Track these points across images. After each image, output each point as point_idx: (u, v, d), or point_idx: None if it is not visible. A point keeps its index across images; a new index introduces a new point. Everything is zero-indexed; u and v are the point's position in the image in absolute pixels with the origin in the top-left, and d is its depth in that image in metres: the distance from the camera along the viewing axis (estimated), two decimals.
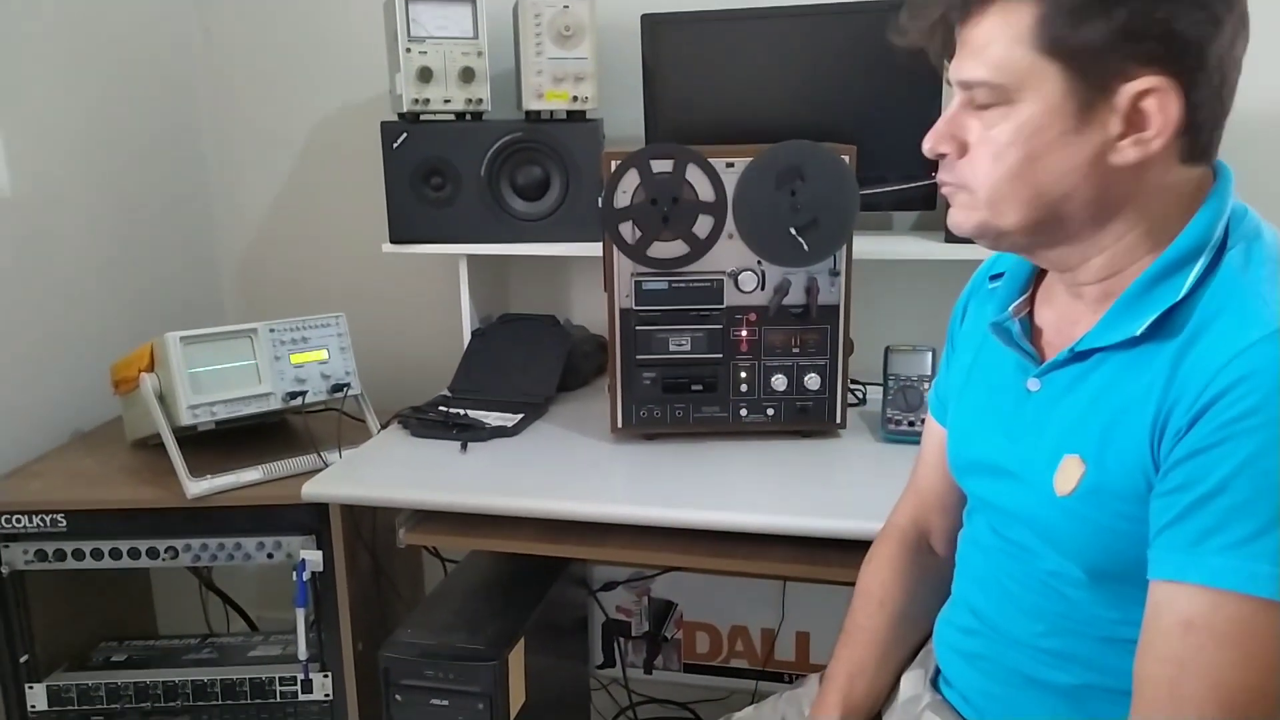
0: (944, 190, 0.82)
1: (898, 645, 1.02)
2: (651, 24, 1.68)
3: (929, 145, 0.81)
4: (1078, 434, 0.78)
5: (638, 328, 1.44)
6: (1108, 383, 0.77)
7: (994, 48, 0.74)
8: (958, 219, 0.82)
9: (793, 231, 1.37)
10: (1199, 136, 0.74)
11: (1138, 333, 0.74)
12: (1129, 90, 0.71)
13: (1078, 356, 0.80)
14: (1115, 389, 0.76)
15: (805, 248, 1.38)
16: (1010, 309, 0.88)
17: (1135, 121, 0.72)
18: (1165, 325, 0.74)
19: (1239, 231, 0.76)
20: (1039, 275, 0.90)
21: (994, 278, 0.95)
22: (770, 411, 1.47)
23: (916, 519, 1.07)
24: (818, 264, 1.42)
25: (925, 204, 1.65)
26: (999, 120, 0.76)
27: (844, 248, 1.42)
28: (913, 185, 1.62)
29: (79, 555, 1.47)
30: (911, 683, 1.00)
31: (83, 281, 1.79)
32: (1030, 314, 0.89)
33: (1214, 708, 0.66)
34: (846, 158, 1.38)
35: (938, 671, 0.98)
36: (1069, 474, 0.78)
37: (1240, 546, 0.66)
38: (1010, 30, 0.73)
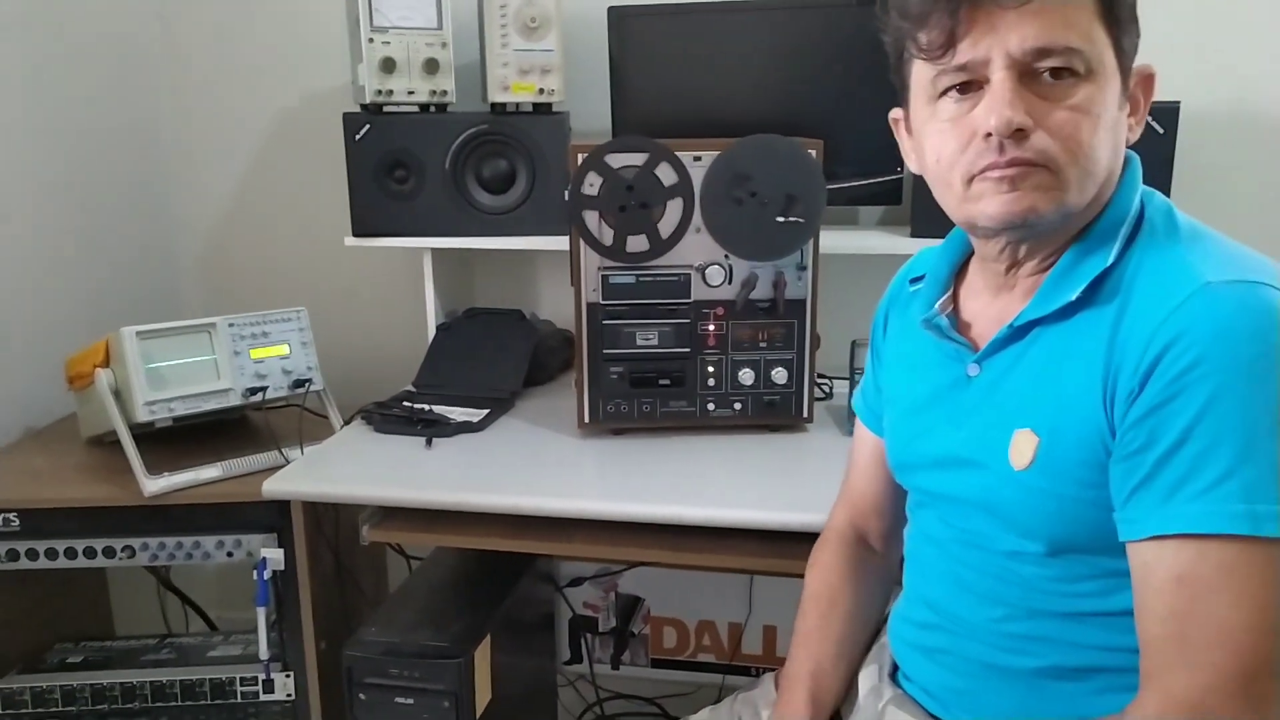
0: (1011, 172, 0.75)
1: (852, 644, 1.03)
2: (619, 16, 1.67)
3: (1010, 119, 0.73)
4: (1026, 408, 0.80)
5: (605, 322, 1.43)
6: (1048, 355, 0.79)
7: (1075, 17, 0.73)
8: (1036, 203, 0.75)
9: (751, 225, 1.37)
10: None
11: (1074, 297, 0.77)
12: (1137, 73, 0.79)
13: (1016, 333, 0.82)
14: (1057, 360, 0.78)
15: (771, 241, 1.38)
16: (936, 306, 0.91)
17: (1135, 102, 0.80)
18: (1098, 292, 0.77)
19: (1152, 205, 0.80)
20: (959, 274, 0.93)
21: (914, 281, 0.98)
22: (737, 406, 1.47)
23: (853, 522, 1.08)
24: (785, 258, 1.42)
25: (891, 198, 1.66)
26: (1079, 92, 0.74)
27: (811, 242, 1.42)
28: (880, 179, 1.63)
29: (32, 555, 1.43)
30: (868, 678, 1.00)
31: (35, 275, 1.74)
32: (955, 310, 0.91)
33: (1222, 653, 0.67)
34: (814, 152, 1.38)
35: (895, 667, 0.99)
36: (1023, 448, 0.79)
37: (1211, 490, 0.67)
38: (1081, 6, 0.74)
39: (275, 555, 1.44)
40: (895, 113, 0.90)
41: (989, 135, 0.74)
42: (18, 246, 1.70)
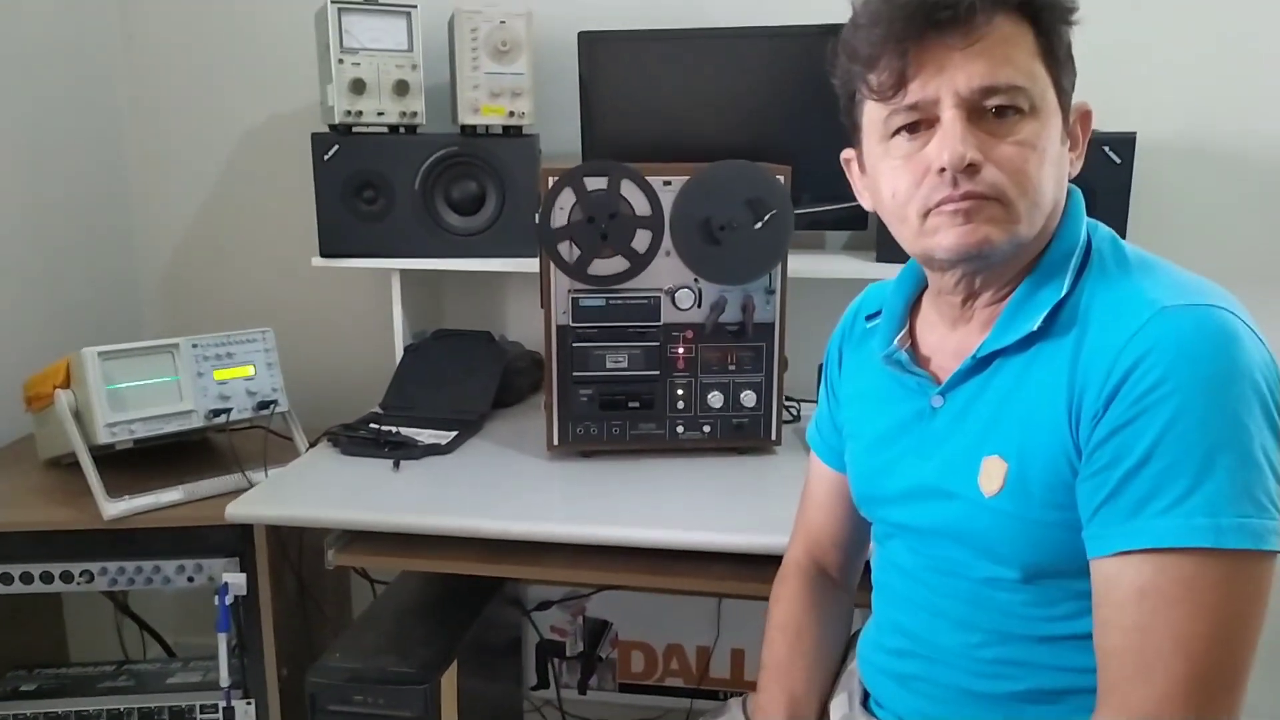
0: (966, 205, 0.77)
1: (821, 672, 1.03)
2: (588, 41, 1.68)
3: (963, 154, 0.75)
4: (993, 435, 0.81)
5: (575, 344, 1.43)
6: (1011, 384, 0.81)
7: (1018, 58, 0.76)
8: (991, 235, 0.78)
9: (723, 249, 1.38)
10: None
11: (1035, 327, 0.79)
12: (1076, 110, 0.82)
13: (979, 364, 0.84)
14: (1021, 388, 0.80)
15: (740, 266, 1.40)
16: (895, 341, 0.92)
17: (1075, 138, 0.83)
18: (1054, 322, 0.79)
19: (1098, 236, 0.83)
20: (913, 309, 0.95)
21: (869, 317, 0.99)
22: (706, 428, 1.47)
23: (812, 554, 1.09)
24: (753, 282, 1.43)
25: (857, 223, 1.68)
26: (1024, 128, 0.77)
27: (779, 267, 1.43)
28: (846, 205, 1.65)
29: None
30: (839, 707, 1.00)
31: None
32: (913, 344, 0.93)
33: (1179, 662, 0.68)
34: (782, 177, 1.39)
35: (866, 694, 0.99)
36: (992, 474, 0.80)
37: (1175, 506, 0.69)
38: (1023, 45, 0.77)
39: (237, 580, 1.42)
40: (847, 153, 0.92)
41: (942, 170, 0.76)
42: None
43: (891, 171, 0.81)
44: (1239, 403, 0.70)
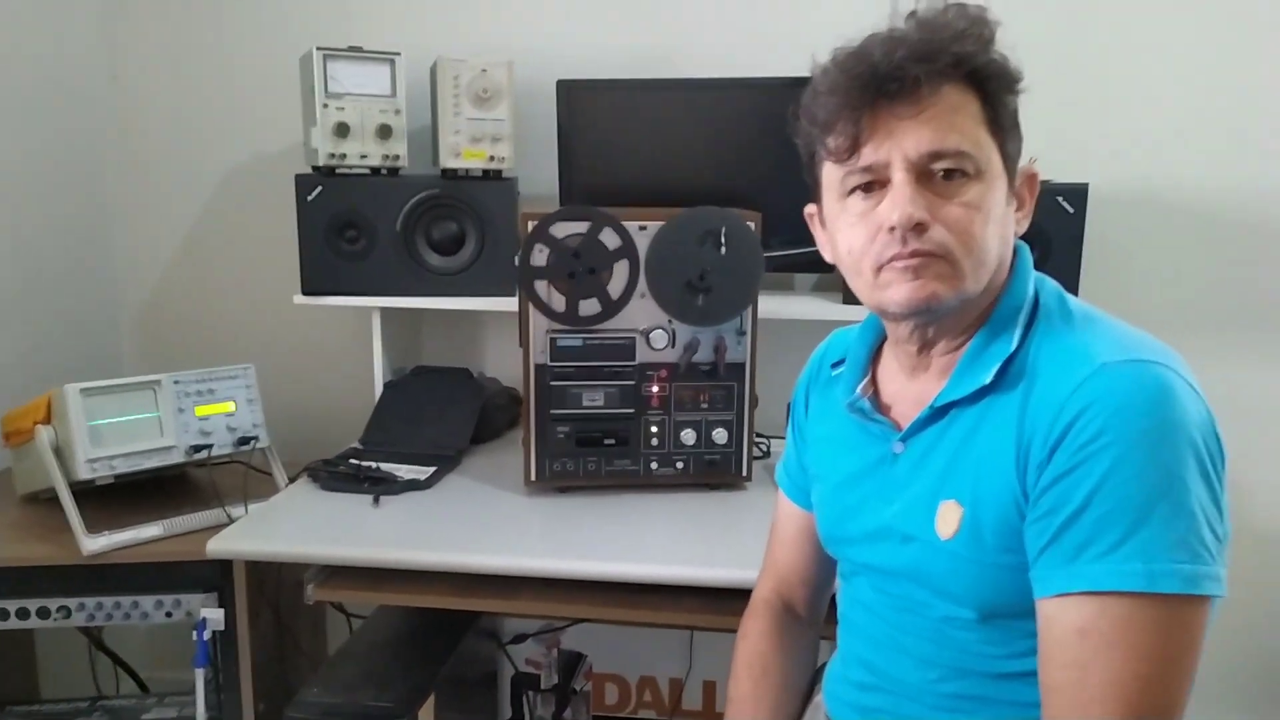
0: (914, 262, 0.82)
1: (786, 707, 1.07)
2: (567, 89, 1.74)
3: (911, 215, 0.80)
4: (950, 481, 0.86)
5: (552, 383, 1.47)
6: (966, 432, 0.86)
7: (964, 125, 0.82)
8: (938, 291, 0.82)
9: (696, 292, 1.43)
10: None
11: (988, 380, 0.84)
12: (1023, 173, 0.87)
13: (936, 413, 0.88)
14: (975, 436, 0.85)
15: (712, 308, 1.45)
16: (858, 390, 0.97)
17: (1021, 199, 0.88)
18: (1004, 375, 0.84)
19: (1045, 291, 0.88)
20: (875, 357, 1.00)
21: (835, 365, 1.04)
22: (680, 465, 1.52)
23: (779, 591, 1.12)
24: (726, 324, 1.48)
25: (824, 266, 1.73)
26: (970, 190, 0.82)
27: (750, 309, 1.49)
28: (813, 249, 1.71)
29: None
30: None
31: None
32: (875, 392, 0.97)
33: (1114, 703, 0.72)
34: (753, 224, 1.45)
35: None
36: (948, 519, 0.85)
37: (1112, 552, 0.73)
38: (968, 113, 0.82)
39: (215, 615, 1.43)
40: (810, 208, 0.97)
41: (893, 229, 0.82)
42: None
43: (848, 228, 0.87)
44: (1174, 456, 0.73)
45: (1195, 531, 0.73)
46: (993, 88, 0.83)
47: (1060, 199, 1.54)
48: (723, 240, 1.43)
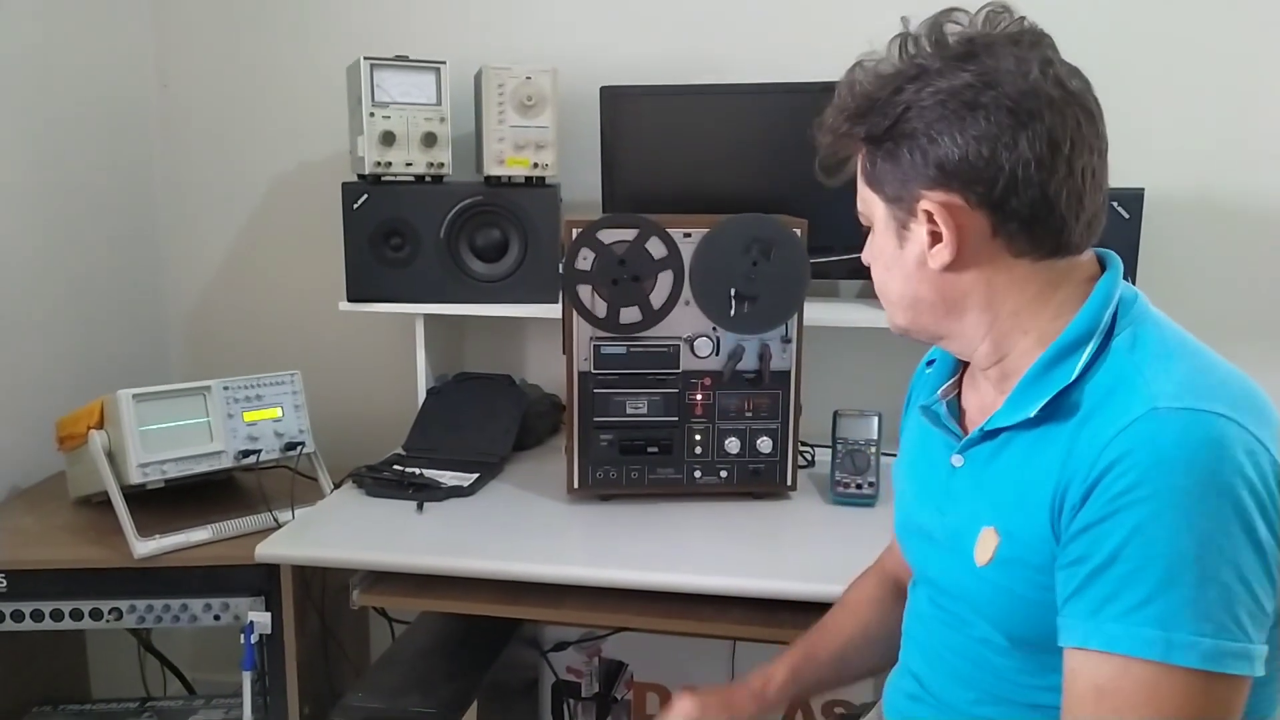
0: None
1: (854, 653, 1.10)
2: (610, 96, 1.74)
3: (863, 259, 0.93)
4: (993, 507, 0.84)
5: (595, 390, 1.47)
6: (1017, 459, 0.83)
7: (862, 185, 0.89)
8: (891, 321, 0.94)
9: (740, 300, 1.42)
10: (1027, 233, 0.81)
11: (1032, 414, 0.81)
12: (921, 209, 0.83)
13: (987, 435, 0.86)
14: (1023, 465, 0.82)
15: (757, 315, 1.44)
16: (939, 392, 0.95)
17: (935, 232, 0.83)
18: (1061, 406, 0.79)
19: (1127, 317, 0.81)
20: (965, 361, 0.97)
21: (929, 364, 1.02)
22: (723, 474, 1.50)
23: (889, 567, 1.13)
24: (770, 331, 1.47)
25: (869, 273, 1.71)
26: (872, 242, 0.91)
27: (795, 316, 1.47)
28: (858, 255, 1.69)
29: (18, 617, 1.43)
30: None
31: (25, 334, 1.76)
32: (959, 396, 0.96)
33: None
34: (799, 231, 1.44)
35: None
36: (986, 545, 0.83)
37: (1131, 613, 0.69)
38: (862, 172, 0.89)
39: (263, 619, 1.45)
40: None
41: None
42: (8, 308, 1.72)
43: None
44: (1212, 520, 0.69)
45: (1227, 603, 0.68)
46: (866, 150, 0.87)
47: (1115, 204, 1.51)
48: (769, 247, 1.42)
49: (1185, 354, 0.79)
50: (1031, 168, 0.78)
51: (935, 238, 0.82)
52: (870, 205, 0.89)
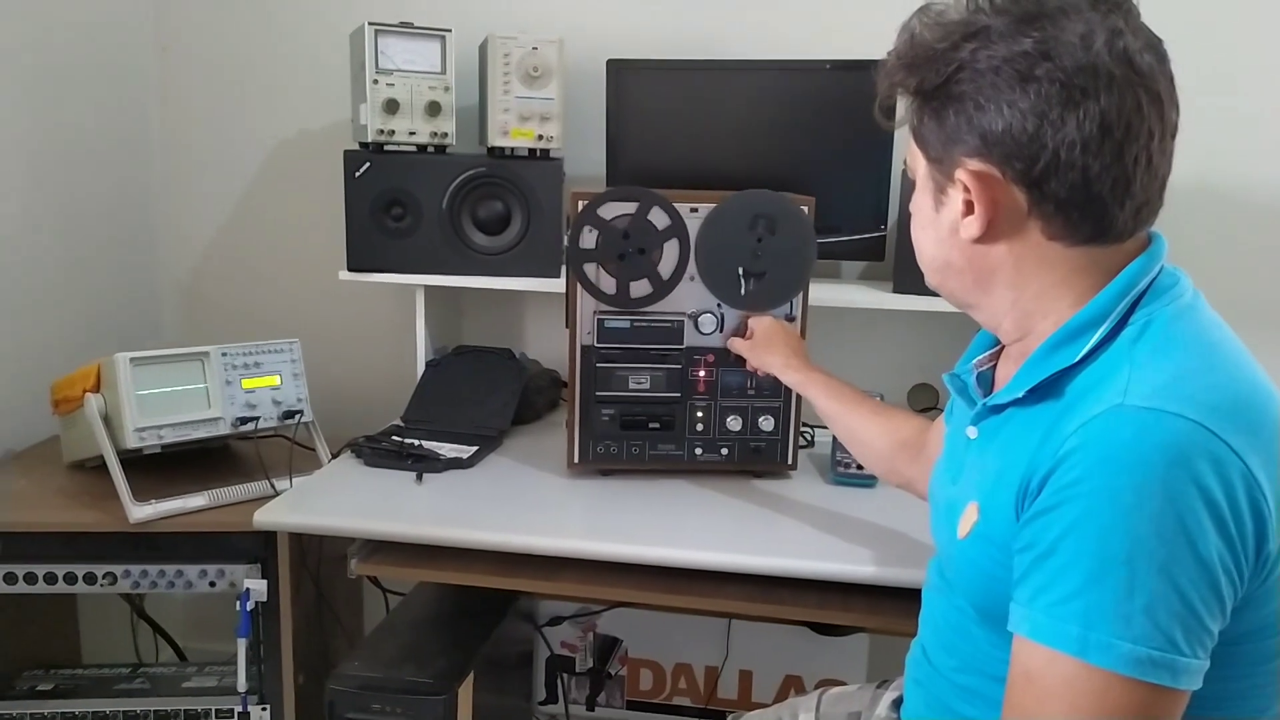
0: None
1: (851, 426, 1.27)
2: (617, 69, 1.72)
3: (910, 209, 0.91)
4: (981, 483, 0.84)
5: (598, 365, 1.46)
6: (1010, 436, 0.82)
7: (911, 140, 0.87)
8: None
9: (746, 276, 1.41)
10: (1064, 217, 0.77)
11: (1020, 395, 0.81)
12: (959, 175, 0.80)
13: (993, 410, 0.86)
14: (1010, 444, 0.81)
15: (762, 293, 1.43)
16: (974, 362, 0.95)
17: (969, 202, 0.81)
18: (1056, 388, 0.78)
19: (1149, 307, 0.78)
20: None
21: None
22: (724, 451, 1.50)
23: (916, 435, 1.20)
24: (775, 309, 1.46)
25: (874, 254, 1.71)
26: (914, 197, 0.89)
27: (800, 294, 1.46)
28: (864, 236, 1.69)
29: (11, 579, 1.42)
30: (884, 704, 1.09)
31: (21, 298, 1.74)
32: (995, 368, 0.95)
33: None
34: (806, 208, 1.43)
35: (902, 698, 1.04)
36: (968, 519, 0.84)
37: (1057, 605, 0.69)
38: (910, 123, 0.85)
39: (259, 586, 1.44)
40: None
41: None
42: (3, 268, 1.70)
43: None
44: (1152, 524, 0.66)
45: (1157, 611, 0.66)
46: (915, 103, 0.84)
47: None
48: (774, 223, 1.41)
49: (1191, 351, 0.75)
50: (1076, 150, 0.74)
51: (969, 207, 0.81)
52: (914, 159, 0.87)
